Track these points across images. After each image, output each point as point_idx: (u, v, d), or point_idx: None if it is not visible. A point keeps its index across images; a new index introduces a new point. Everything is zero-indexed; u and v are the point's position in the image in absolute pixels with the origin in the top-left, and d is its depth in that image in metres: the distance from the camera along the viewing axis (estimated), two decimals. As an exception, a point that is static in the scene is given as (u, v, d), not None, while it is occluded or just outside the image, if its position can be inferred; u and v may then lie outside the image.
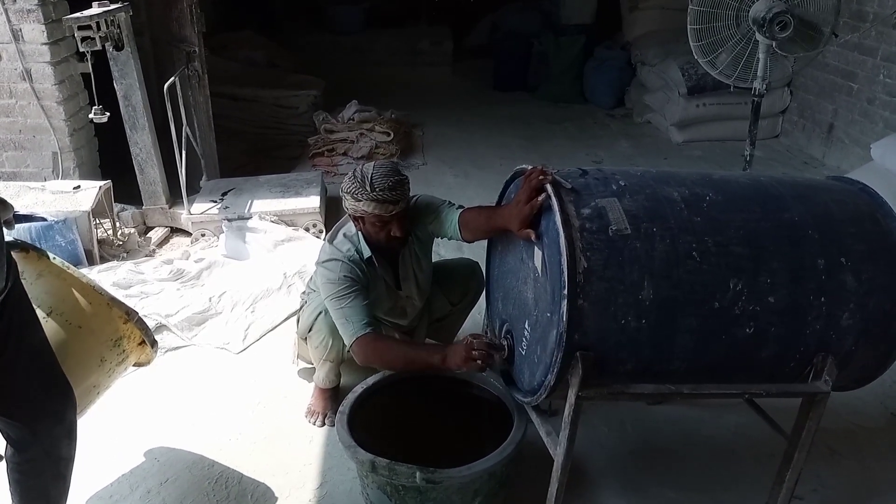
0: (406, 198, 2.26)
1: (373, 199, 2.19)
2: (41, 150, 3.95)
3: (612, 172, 1.93)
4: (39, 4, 3.66)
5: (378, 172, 2.22)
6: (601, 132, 6.08)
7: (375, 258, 2.36)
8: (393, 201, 2.20)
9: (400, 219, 2.27)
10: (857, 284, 1.82)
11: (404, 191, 2.24)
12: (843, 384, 1.99)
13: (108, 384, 2.09)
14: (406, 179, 2.26)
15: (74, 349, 1.92)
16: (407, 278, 2.47)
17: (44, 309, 1.89)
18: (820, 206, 1.92)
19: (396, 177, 2.22)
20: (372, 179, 2.19)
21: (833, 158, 5.18)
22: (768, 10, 3.40)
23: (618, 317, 1.71)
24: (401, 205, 2.23)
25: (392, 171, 2.24)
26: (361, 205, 2.21)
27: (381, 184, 2.18)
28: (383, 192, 2.18)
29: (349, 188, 2.23)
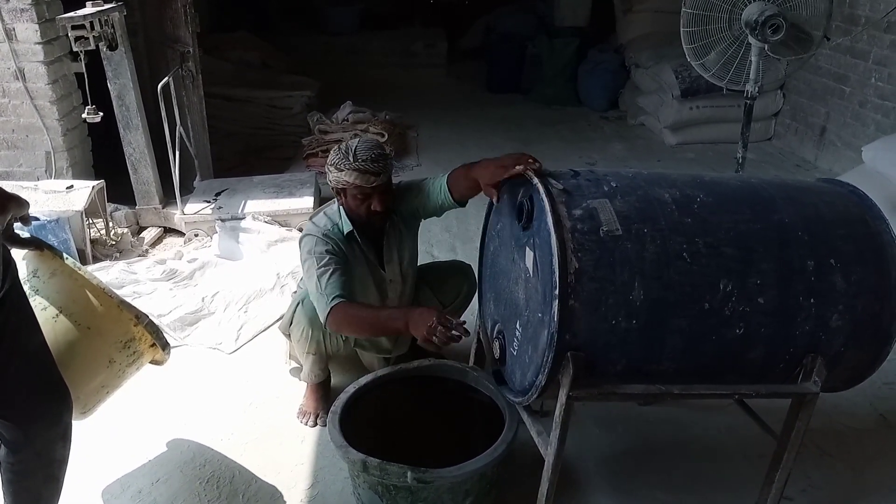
0: (388, 172, 2.30)
1: (355, 169, 2.22)
2: (34, 149, 3.94)
3: (603, 174, 1.94)
4: (33, 4, 3.65)
5: (362, 145, 2.27)
6: (595, 134, 6.10)
7: (357, 234, 2.38)
8: (374, 172, 2.23)
9: (381, 192, 2.29)
10: (846, 286, 1.84)
11: (386, 164, 2.28)
12: (832, 385, 2.00)
13: (118, 384, 2.09)
14: (389, 156, 2.34)
15: (83, 349, 1.93)
16: (391, 260, 2.48)
17: (54, 307, 1.90)
18: (810, 208, 1.93)
19: (379, 150, 2.29)
20: (356, 150, 2.24)
21: (825, 161, 5.21)
22: (760, 13, 3.42)
23: (608, 317, 1.72)
24: (382, 177, 2.27)
25: (375, 146, 2.31)
26: (344, 175, 2.24)
27: (363, 154, 2.23)
28: (365, 162, 2.22)
29: (333, 160, 2.28)
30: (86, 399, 1.98)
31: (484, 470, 1.91)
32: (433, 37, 7.95)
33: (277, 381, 2.79)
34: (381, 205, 2.30)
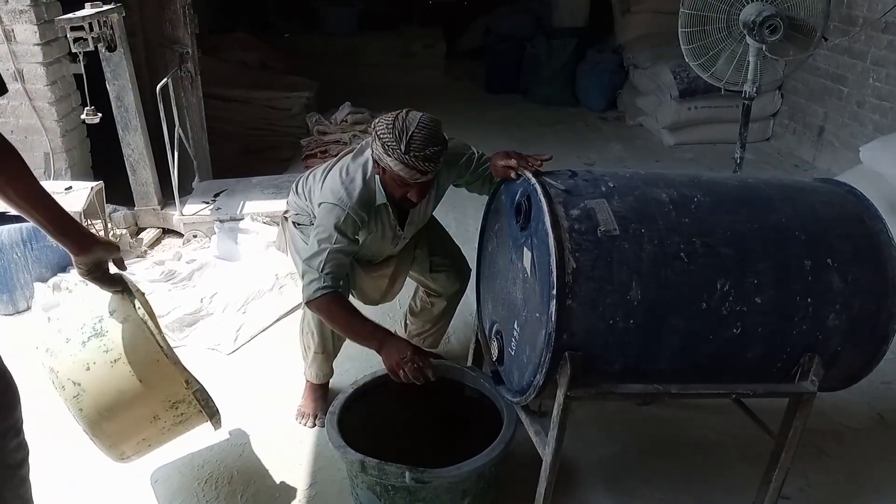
0: (439, 168, 2.06)
1: (403, 163, 1.98)
2: (33, 150, 3.94)
3: (601, 174, 1.95)
4: (32, 5, 3.65)
5: (420, 133, 1.98)
6: (593, 135, 6.10)
7: (389, 206, 2.22)
8: (423, 171, 2.01)
9: (423, 186, 2.09)
10: (843, 285, 1.84)
11: (439, 163, 2.03)
12: (829, 385, 2.00)
13: (161, 441, 2.06)
14: (445, 150, 2.04)
15: (131, 400, 1.92)
16: (412, 222, 2.38)
17: (115, 353, 1.90)
18: (807, 208, 1.94)
19: (436, 147, 2.00)
20: (410, 138, 1.97)
21: (823, 161, 5.22)
22: (758, 13, 3.42)
23: (606, 317, 1.72)
24: (429, 175, 2.05)
25: (434, 139, 2.00)
26: (389, 160, 2.00)
27: (417, 149, 1.97)
28: (417, 160, 1.97)
29: (384, 136, 2.00)
30: (126, 448, 2.00)
31: (482, 470, 1.92)
32: (431, 37, 7.96)
33: (276, 382, 2.79)
34: (419, 197, 2.13)
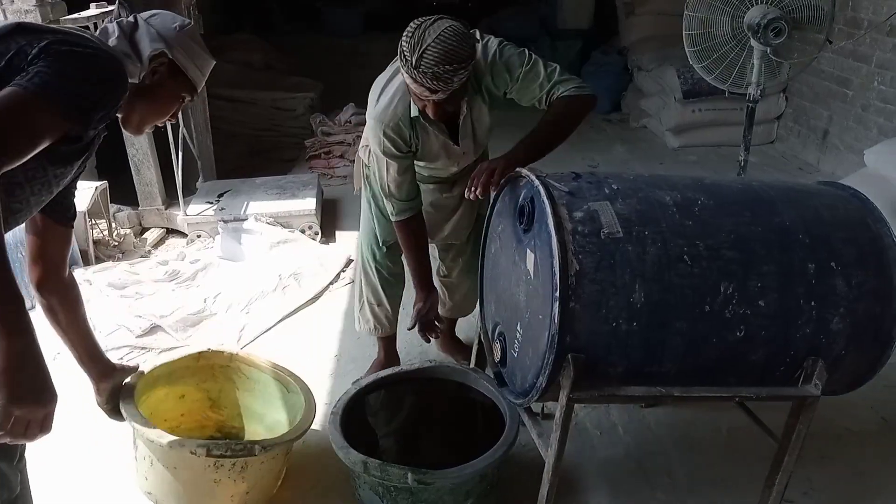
0: (453, 87, 1.93)
1: (411, 77, 1.92)
2: (37, 150, 3.96)
3: (604, 176, 1.95)
4: (37, 5, 3.65)
5: (435, 48, 1.86)
6: (597, 136, 6.10)
7: (424, 116, 2.14)
8: (431, 90, 1.93)
9: (438, 104, 2.00)
10: (847, 289, 1.84)
11: (451, 83, 1.91)
12: (833, 388, 2.00)
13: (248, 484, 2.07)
14: (462, 69, 1.90)
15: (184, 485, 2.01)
16: (465, 136, 2.28)
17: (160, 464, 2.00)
18: (811, 211, 1.93)
19: (450, 65, 1.87)
20: (423, 53, 1.86)
21: (828, 164, 5.21)
22: (763, 16, 3.42)
23: (609, 319, 1.72)
24: (440, 95, 1.95)
25: (450, 56, 1.86)
26: (403, 70, 1.95)
27: (427, 65, 1.87)
28: (425, 76, 1.88)
29: (403, 42, 1.93)
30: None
31: (484, 471, 1.92)
32: (436, 39, 7.96)
33: (279, 382, 2.79)
34: (434, 114, 2.06)
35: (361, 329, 2.77)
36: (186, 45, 1.62)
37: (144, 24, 1.57)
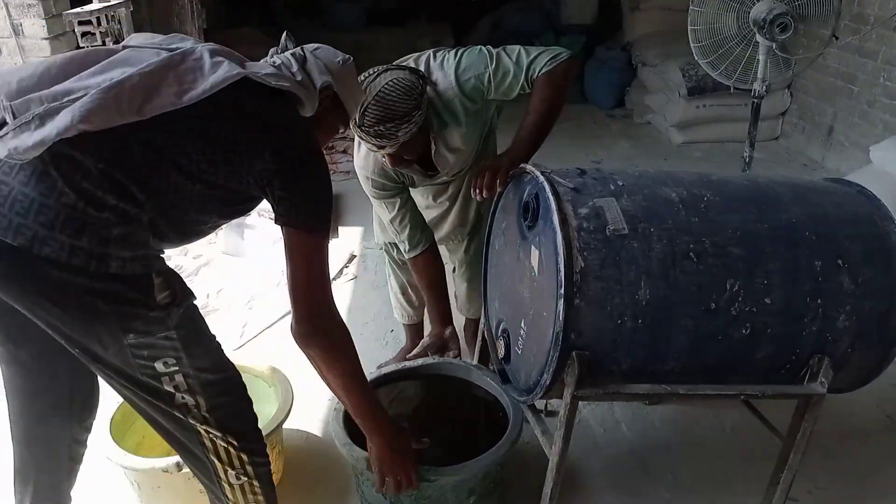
0: (395, 142, 1.97)
1: (357, 133, 1.99)
2: (40, 144, 3.96)
3: (610, 172, 1.93)
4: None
5: (374, 108, 1.91)
6: (601, 132, 6.08)
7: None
8: (378, 146, 2.00)
9: (392, 155, 2.05)
10: (853, 286, 1.83)
11: (395, 138, 1.96)
12: (839, 386, 1.99)
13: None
14: (405, 124, 1.94)
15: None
16: (444, 165, 2.25)
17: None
18: (817, 208, 1.92)
19: (390, 123, 1.92)
20: (364, 111, 1.92)
21: (832, 161, 5.18)
22: (769, 11, 3.39)
23: (614, 317, 1.71)
24: (388, 149, 2.01)
25: (389, 115, 1.91)
26: (351, 125, 1.94)
27: (368, 124, 1.93)
28: (367, 134, 1.95)
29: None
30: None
31: (488, 468, 1.91)
32: (439, 33, 7.93)
33: (282, 378, 2.79)
34: (393, 165, 2.10)
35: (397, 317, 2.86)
36: (348, 78, 1.69)
37: (312, 57, 1.61)
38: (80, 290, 1.34)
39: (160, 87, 1.37)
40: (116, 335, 1.39)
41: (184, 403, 1.50)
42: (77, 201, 1.32)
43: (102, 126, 1.31)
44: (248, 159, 1.46)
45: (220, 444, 1.57)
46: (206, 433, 1.55)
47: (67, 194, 1.32)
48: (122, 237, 1.36)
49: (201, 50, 1.46)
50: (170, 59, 1.41)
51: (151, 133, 1.38)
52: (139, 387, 1.46)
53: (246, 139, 1.46)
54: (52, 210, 1.31)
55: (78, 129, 1.28)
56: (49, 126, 1.28)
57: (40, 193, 1.32)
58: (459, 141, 2.18)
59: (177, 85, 1.39)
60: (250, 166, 1.46)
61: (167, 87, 1.38)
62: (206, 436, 1.55)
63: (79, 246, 1.31)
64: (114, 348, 1.40)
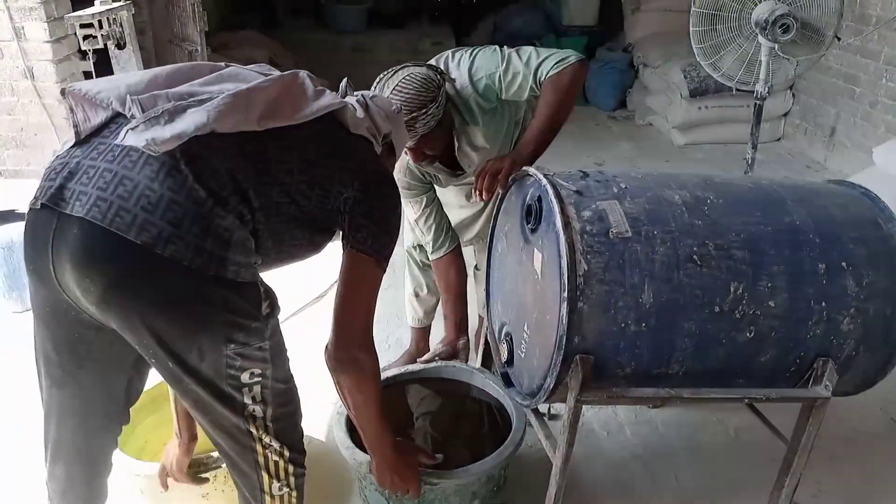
0: (418, 134, 1.99)
1: None
2: (43, 148, 3.96)
3: (612, 175, 1.93)
4: (42, 2, 3.67)
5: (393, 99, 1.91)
6: (603, 134, 6.08)
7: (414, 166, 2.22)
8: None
9: (413, 150, 2.07)
10: (857, 289, 1.82)
11: (414, 129, 1.98)
12: (843, 389, 1.98)
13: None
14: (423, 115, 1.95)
15: None
16: (469, 163, 2.28)
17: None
18: (821, 210, 1.92)
19: (409, 115, 1.94)
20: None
21: (835, 162, 5.18)
22: (771, 12, 3.39)
23: (618, 320, 1.70)
24: (408, 143, 2.01)
25: (407, 108, 1.93)
26: None
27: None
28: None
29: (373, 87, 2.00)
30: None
31: (491, 472, 1.91)
32: (440, 35, 7.93)
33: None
34: (414, 161, 2.11)
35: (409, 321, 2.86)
36: (400, 126, 1.75)
37: (374, 105, 1.64)
38: (195, 295, 1.33)
39: (280, 101, 1.42)
40: (218, 345, 1.38)
41: (252, 413, 1.49)
42: (206, 199, 1.31)
43: (230, 129, 1.34)
44: (339, 185, 1.49)
45: (273, 457, 1.55)
46: (262, 448, 1.53)
47: (197, 191, 1.31)
48: (240, 242, 1.35)
49: (303, 75, 1.52)
50: (282, 77, 1.46)
51: (264, 144, 1.40)
52: (218, 397, 1.45)
53: (338, 167, 1.50)
54: (181, 207, 1.29)
55: (210, 128, 1.30)
56: (184, 121, 1.29)
57: (169, 189, 1.29)
58: (482, 139, 2.20)
59: (290, 103, 1.44)
60: (338, 193, 1.49)
61: (284, 103, 1.42)
62: (261, 451, 1.54)
63: (203, 247, 1.30)
64: (210, 359, 1.39)
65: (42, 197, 1.33)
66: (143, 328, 1.34)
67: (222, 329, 1.37)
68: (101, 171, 1.31)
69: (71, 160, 1.35)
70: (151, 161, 1.31)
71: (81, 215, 1.28)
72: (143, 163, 1.31)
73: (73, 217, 1.29)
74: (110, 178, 1.30)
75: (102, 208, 1.27)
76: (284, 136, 1.43)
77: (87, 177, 1.31)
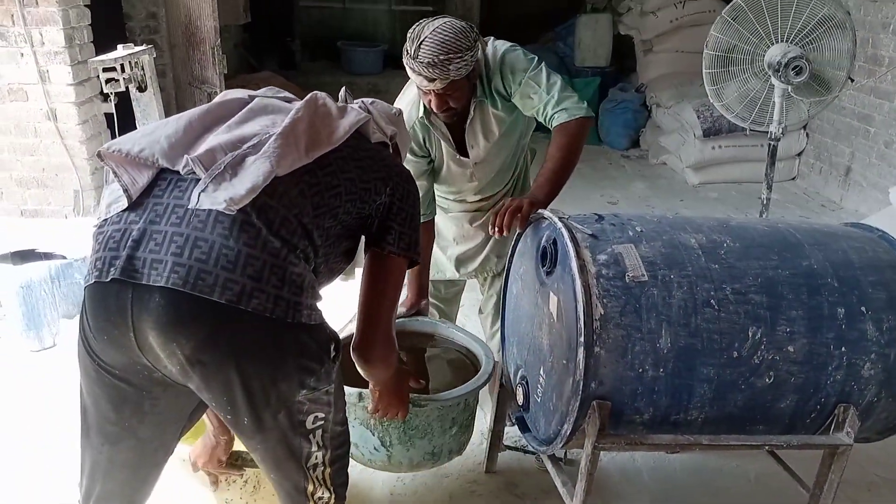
0: (449, 77, 2.00)
1: (410, 67, 2.02)
2: (63, 188, 4.01)
3: (628, 218, 1.93)
4: (66, 47, 3.75)
5: (431, 40, 1.96)
6: (616, 173, 6.09)
7: (429, 121, 2.24)
8: (428, 77, 2.00)
9: (437, 95, 2.07)
10: (878, 334, 1.80)
11: (448, 70, 1.98)
12: (866, 436, 1.95)
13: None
14: (458, 58, 1.98)
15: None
16: (476, 145, 2.30)
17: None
18: (838, 254, 1.90)
19: (444, 55, 1.96)
20: (420, 44, 1.97)
21: (851, 202, 5.15)
22: (783, 54, 3.41)
23: (635, 365, 1.69)
24: (437, 84, 2.02)
25: (445, 46, 1.96)
26: (406, 65, 2.03)
27: (425, 53, 1.96)
28: (421, 64, 1.97)
29: (407, 39, 2.03)
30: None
31: (468, 398, 2.04)
32: (455, 76, 8.04)
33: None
34: (437, 107, 2.11)
35: None
36: (402, 127, 1.80)
37: (375, 110, 1.69)
38: (274, 344, 1.35)
39: (315, 127, 1.45)
40: (293, 392, 1.40)
41: (314, 462, 1.51)
42: (281, 249, 1.34)
43: (289, 170, 1.37)
44: (374, 194, 1.53)
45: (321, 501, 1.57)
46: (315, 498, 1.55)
47: (272, 242, 1.33)
48: (310, 285, 1.39)
49: (322, 96, 1.56)
50: (307, 103, 1.49)
51: (315, 176, 1.43)
52: (287, 449, 1.47)
53: (374, 177, 1.54)
54: (259, 260, 1.31)
55: (273, 174, 1.33)
56: (249, 173, 1.32)
57: (245, 244, 1.31)
58: (493, 124, 2.26)
59: (324, 127, 1.47)
60: (373, 201, 1.54)
61: (319, 128, 1.46)
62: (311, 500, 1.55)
63: (281, 296, 1.32)
64: (285, 407, 1.41)
65: (110, 270, 1.32)
66: (225, 385, 1.35)
67: (297, 374, 1.39)
68: (171, 235, 1.31)
69: (130, 227, 1.35)
70: (222, 218, 1.31)
71: (162, 284, 1.28)
72: (214, 221, 1.32)
73: (152, 287, 1.29)
74: (182, 241, 1.30)
75: (182, 273, 1.28)
76: (329, 162, 1.46)
77: (156, 243, 1.31)
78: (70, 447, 2.16)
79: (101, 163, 1.41)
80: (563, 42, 7.53)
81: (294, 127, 1.41)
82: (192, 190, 1.33)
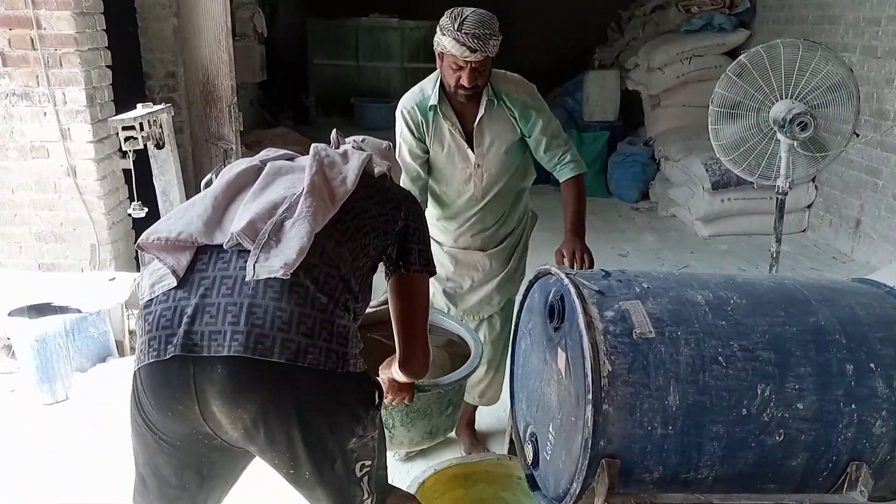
0: (487, 51, 2.26)
1: (453, 38, 2.21)
2: (80, 242, 4.08)
3: (634, 274, 1.95)
4: (88, 106, 3.86)
5: (474, 17, 2.23)
6: (626, 225, 6.13)
7: (443, 109, 2.44)
8: (471, 48, 2.21)
9: (473, 69, 2.28)
10: (888, 391, 1.79)
11: (488, 45, 2.24)
12: (881, 495, 1.92)
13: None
14: (495, 37, 2.26)
15: None
16: (482, 143, 2.48)
17: None
18: (846, 310, 1.91)
19: (488, 30, 2.23)
20: (465, 18, 2.21)
21: (861, 254, 5.15)
22: (788, 110, 3.46)
23: (644, 423, 1.69)
24: (478, 55, 2.24)
25: (487, 23, 2.24)
26: (444, 39, 2.24)
27: (470, 26, 2.20)
28: (468, 35, 2.19)
29: (443, 21, 2.26)
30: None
31: (462, 382, 2.17)
32: (465, 131, 8.18)
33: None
34: (469, 81, 2.30)
35: None
36: (394, 160, 1.91)
37: (367, 147, 1.78)
38: (328, 396, 1.41)
39: (328, 178, 1.53)
40: (347, 441, 1.45)
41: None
42: (328, 304, 1.41)
43: (323, 224, 1.45)
44: (393, 223, 1.62)
45: None
46: None
47: (320, 299, 1.40)
48: (354, 334, 1.46)
49: (321, 147, 1.65)
50: (314, 157, 1.58)
51: (344, 223, 1.51)
52: (344, 498, 1.51)
53: (390, 208, 1.63)
54: (310, 318, 1.38)
55: (314, 233, 1.41)
56: (292, 237, 1.40)
57: (296, 304, 1.38)
58: (500, 128, 2.46)
59: (336, 175, 1.56)
60: (392, 230, 1.62)
61: (333, 178, 1.54)
62: None
63: (331, 348, 1.39)
64: (340, 458, 1.45)
65: (167, 348, 1.36)
66: (288, 441, 1.40)
67: (348, 423, 1.44)
68: (224, 306, 1.37)
69: (180, 304, 1.40)
70: (272, 283, 1.38)
71: (224, 354, 1.34)
72: (265, 286, 1.38)
73: (213, 357, 1.34)
74: (237, 310, 1.36)
75: (241, 340, 1.34)
76: (351, 206, 1.54)
77: (210, 316, 1.37)
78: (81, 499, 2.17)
79: (142, 252, 1.47)
80: (572, 97, 7.67)
81: (314, 183, 1.48)
82: (236, 260, 1.41)
